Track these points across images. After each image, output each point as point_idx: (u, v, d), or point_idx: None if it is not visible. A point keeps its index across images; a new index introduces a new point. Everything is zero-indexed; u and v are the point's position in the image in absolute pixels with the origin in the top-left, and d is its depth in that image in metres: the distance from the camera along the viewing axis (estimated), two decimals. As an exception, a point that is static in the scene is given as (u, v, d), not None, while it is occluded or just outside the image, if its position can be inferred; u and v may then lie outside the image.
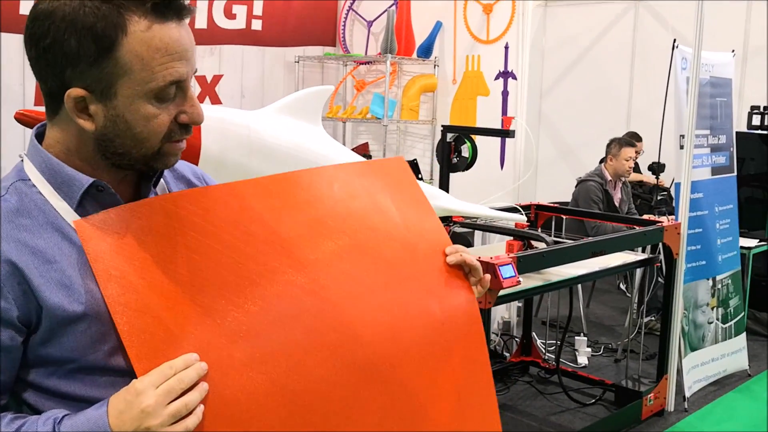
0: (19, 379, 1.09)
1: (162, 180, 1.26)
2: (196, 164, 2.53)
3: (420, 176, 4.42)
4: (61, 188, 1.11)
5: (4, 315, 1.04)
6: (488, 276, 1.43)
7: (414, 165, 4.39)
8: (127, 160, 1.13)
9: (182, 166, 1.33)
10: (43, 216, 1.09)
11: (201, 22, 6.42)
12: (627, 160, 5.56)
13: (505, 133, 4.37)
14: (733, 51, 4.89)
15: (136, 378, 1.04)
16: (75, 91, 1.07)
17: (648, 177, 6.47)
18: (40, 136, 1.15)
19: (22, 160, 1.15)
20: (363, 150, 7.52)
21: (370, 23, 7.48)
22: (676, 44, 4.31)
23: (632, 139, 6.15)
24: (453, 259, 1.38)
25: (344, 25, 7.59)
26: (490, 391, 1.40)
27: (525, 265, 3.14)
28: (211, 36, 6.48)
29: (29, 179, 1.11)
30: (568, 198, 5.78)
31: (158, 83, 1.07)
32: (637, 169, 6.44)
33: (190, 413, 1.02)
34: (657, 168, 5.63)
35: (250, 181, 1.24)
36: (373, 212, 1.33)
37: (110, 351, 1.09)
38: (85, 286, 1.07)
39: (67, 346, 1.07)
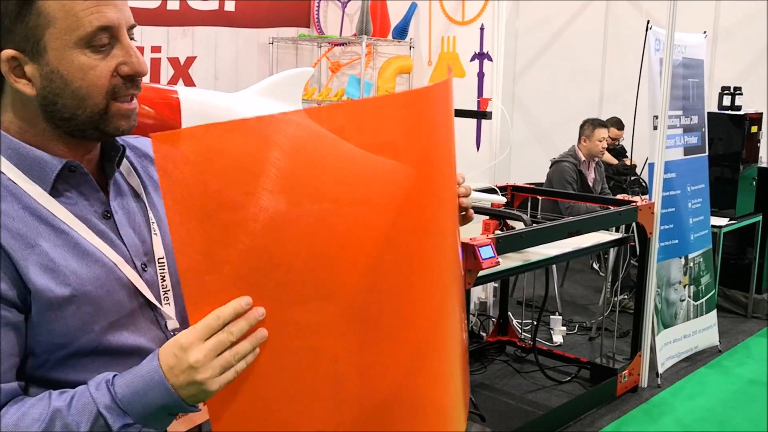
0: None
1: (125, 160, 1.25)
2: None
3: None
4: (31, 171, 1.08)
5: (5, 295, 1.03)
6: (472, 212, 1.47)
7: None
8: (75, 125, 1.09)
9: (144, 142, 1.31)
10: (17, 201, 1.06)
11: (174, 4, 6.34)
12: (600, 141, 5.61)
13: (482, 115, 4.39)
14: (704, 32, 4.96)
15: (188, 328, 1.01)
16: (6, 53, 1.04)
17: (610, 158, 6.54)
18: None
19: None
20: (338, 132, 7.50)
21: (344, 4, 7.45)
22: (649, 26, 4.35)
23: (615, 126, 6.22)
24: (465, 202, 1.43)
25: (318, 6, 7.55)
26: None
27: (504, 246, 3.18)
28: (184, 17, 6.41)
29: None
30: (542, 179, 5.83)
31: (85, 29, 1.04)
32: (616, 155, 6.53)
33: (242, 361, 1.01)
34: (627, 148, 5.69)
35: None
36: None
37: (103, 329, 1.09)
38: (69, 268, 1.06)
39: (57, 331, 1.06)
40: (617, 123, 6.63)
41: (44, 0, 1.03)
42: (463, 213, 1.45)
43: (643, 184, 5.92)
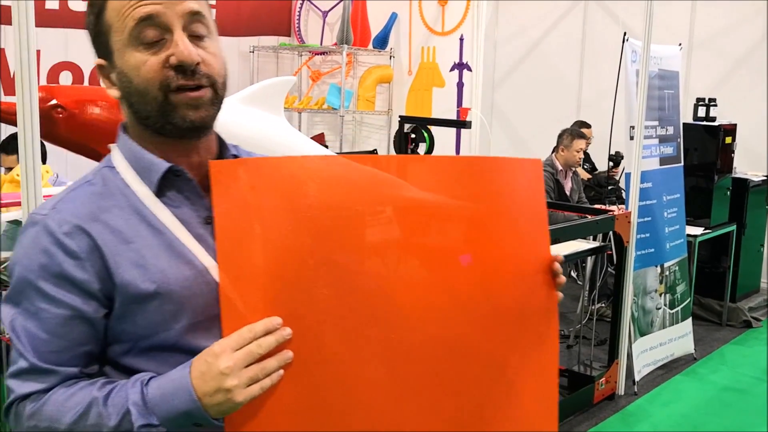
0: (102, 357, 1.15)
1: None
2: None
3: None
4: (143, 173, 1.15)
5: (88, 288, 1.09)
6: (563, 278, 1.42)
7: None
8: (153, 122, 1.13)
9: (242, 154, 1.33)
10: (125, 200, 1.13)
11: (154, 11, 6.33)
12: (578, 152, 5.67)
13: (461, 124, 4.43)
14: (680, 44, 5.04)
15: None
16: (96, 62, 1.16)
17: (582, 172, 6.59)
18: (125, 126, 1.20)
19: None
20: (319, 140, 7.51)
21: (325, 13, 7.48)
22: (626, 38, 4.42)
23: (581, 127, 6.26)
24: (558, 267, 1.39)
25: (299, 15, 7.57)
26: (553, 391, 1.40)
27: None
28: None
29: (114, 167, 1.17)
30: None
31: (129, 25, 1.09)
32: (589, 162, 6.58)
33: (267, 378, 1.05)
34: (615, 159, 5.75)
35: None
36: (485, 208, 1.30)
37: (182, 330, 1.12)
38: (158, 266, 1.11)
39: (140, 323, 1.11)
40: (583, 124, 6.61)
41: (108, 10, 1.11)
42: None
43: (618, 193, 5.98)
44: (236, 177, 1.07)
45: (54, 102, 2.35)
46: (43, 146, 3.58)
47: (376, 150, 4.40)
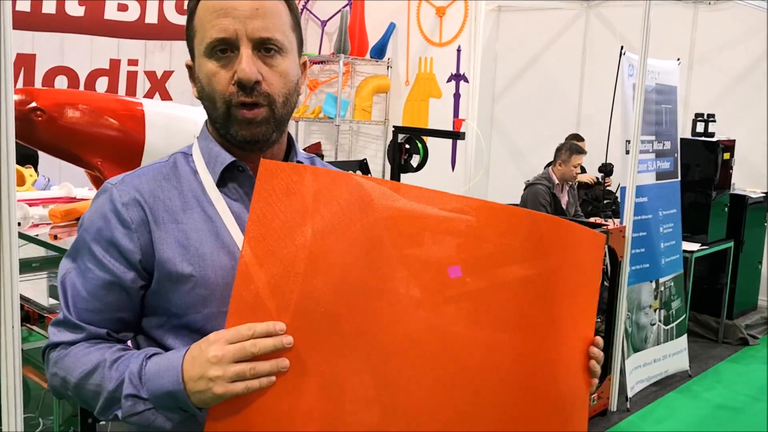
0: (137, 326, 1.21)
1: None
2: (140, 158, 2.51)
3: (369, 176, 4.42)
4: (210, 163, 1.21)
5: (131, 257, 1.16)
6: (596, 380, 1.31)
7: (364, 165, 4.39)
8: (219, 128, 1.19)
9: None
10: (188, 185, 1.20)
11: (152, 17, 6.33)
12: (575, 167, 5.64)
13: (455, 135, 4.40)
14: (678, 59, 5.01)
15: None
16: (186, 61, 1.24)
17: (588, 176, 6.56)
18: (206, 121, 1.28)
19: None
20: (315, 150, 7.50)
21: (323, 23, 7.47)
22: (623, 51, 4.39)
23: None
24: (595, 351, 1.28)
25: (298, 24, 7.57)
26: None
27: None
28: (162, 31, 6.39)
29: (191, 154, 1.24)
30: (519, 200, 5.85)
31: (206, 40, 1.15)
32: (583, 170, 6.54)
33: (255, 379, 1.02)
34: (605, 170, 5.72)
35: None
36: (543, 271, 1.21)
37: (209, 315, 1.15)
38: (199, 251, 1.15)
39: (174, 301, 1.15)
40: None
41: (196, 17, 1.18)
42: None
43: (614, 208, 5.95)
44: (279, 179, 1.08)
45: (33, 105, 2.32)
46: (36, 150, 3.56)
47: (365, 160, 4.36)
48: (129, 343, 1.23)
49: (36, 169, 4.29)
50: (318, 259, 1.06)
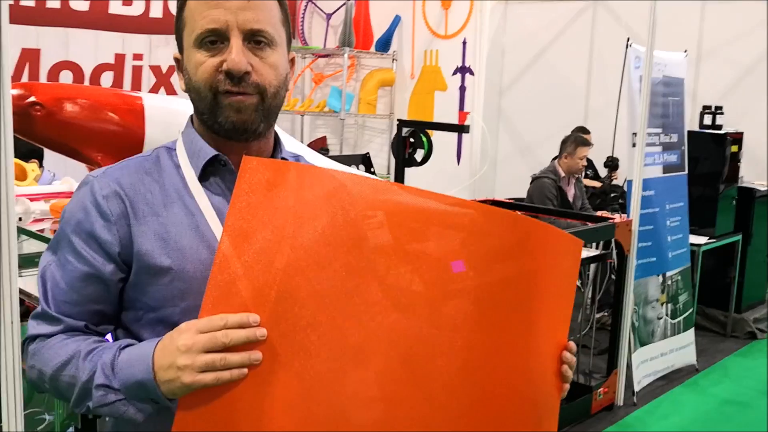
0: (117, 319, 1.21)
1: None
2: (140, 152, 2.50)
3: (373, 170, 4.41)
4: (192, 157, 1.22)
5: (109, 249, 1.15)
6: (567, 385, 1.30)
7: (366, 159, 4.37)
8: (206, 119, 1.19)
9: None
10: (170, 179, 1.20)
11: (156, 12, 6.32)
12: (581, 159, 5.61)
13: (459, 128, 4.38)
14: (685, 51, 4.96)
15: None
16: (174, 54, 1.24)
17: (594, 182, 6.51)
18: (192, 116, 1.28)
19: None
20: (320, 144, 7.48)
21: (328, 16, 7.45)
22: (629, 43, 4.35)
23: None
24: (568, 356, 1.26)
25: (303, 18, 7.54)
26: None
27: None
28: (167, 25, 6.38)
29: (174, 148, 1.25)
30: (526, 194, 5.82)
31: (197, 31, 1.15)
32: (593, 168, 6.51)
33: (226, 371, 1.00)
34: (611, 164, 5.69)
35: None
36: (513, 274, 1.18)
37: (186, 309, 1.13)
38: (178, 244, 1.15)
39: (152, 294, 1.16)
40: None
41: (186, 9, 1.18)
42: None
43: (621, 201, 5.92)
44: (261, 175, 1.07)
45: (32, 99, 2.30)
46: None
47: (368, 154, 4.33)
48: (109, 336, 1.22)
49: (41, 164, 4.30)
50: (298, 255, 1.04)
